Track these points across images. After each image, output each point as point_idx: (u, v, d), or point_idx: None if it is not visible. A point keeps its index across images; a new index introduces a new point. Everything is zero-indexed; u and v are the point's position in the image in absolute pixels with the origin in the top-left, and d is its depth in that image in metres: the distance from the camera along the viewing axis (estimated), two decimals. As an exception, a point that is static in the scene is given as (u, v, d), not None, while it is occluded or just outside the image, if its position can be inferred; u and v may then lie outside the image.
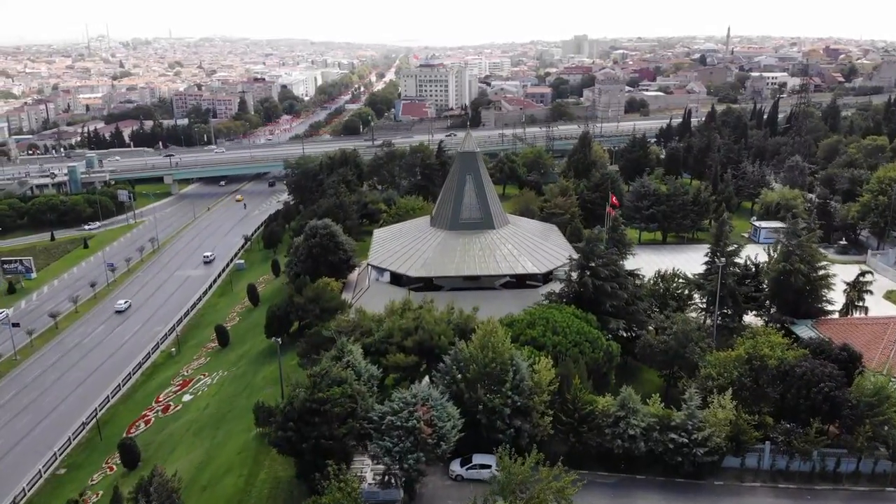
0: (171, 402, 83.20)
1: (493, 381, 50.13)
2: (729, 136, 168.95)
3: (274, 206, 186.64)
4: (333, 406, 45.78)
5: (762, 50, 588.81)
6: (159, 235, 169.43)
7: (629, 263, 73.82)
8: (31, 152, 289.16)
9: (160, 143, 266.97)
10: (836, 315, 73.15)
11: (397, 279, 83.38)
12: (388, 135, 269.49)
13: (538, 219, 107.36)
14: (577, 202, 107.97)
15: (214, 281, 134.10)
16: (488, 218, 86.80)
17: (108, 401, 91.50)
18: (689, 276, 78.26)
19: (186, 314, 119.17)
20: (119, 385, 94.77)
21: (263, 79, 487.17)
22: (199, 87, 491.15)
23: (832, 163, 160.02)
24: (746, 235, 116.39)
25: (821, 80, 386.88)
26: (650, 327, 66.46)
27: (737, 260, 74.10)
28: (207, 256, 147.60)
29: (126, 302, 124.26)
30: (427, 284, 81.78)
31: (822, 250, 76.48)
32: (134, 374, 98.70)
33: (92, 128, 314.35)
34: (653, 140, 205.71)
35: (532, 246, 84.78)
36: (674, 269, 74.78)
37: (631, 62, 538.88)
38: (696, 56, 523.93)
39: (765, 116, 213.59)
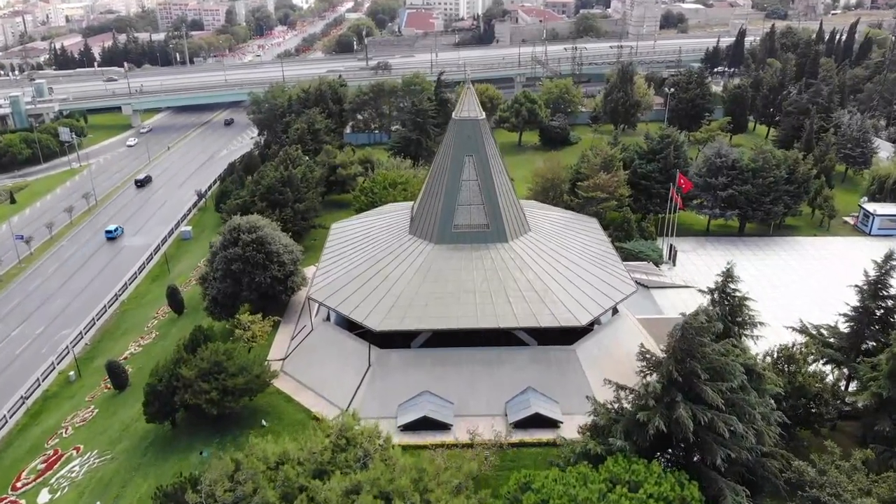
0: (24, 499, 56.39)
1: None
2: (794, 67, 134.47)
3: (246, 145, 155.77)
4: None
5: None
6: (105, 185, 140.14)
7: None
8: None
9: (125, 64, 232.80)
10: None
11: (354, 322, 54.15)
12: (386, 52, 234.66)
13: (569, 203, 77.04)
14: (626, 178, 76.69)
15: (150, 257, 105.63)
16: (498, 225, 56.59)
17: (-36, 467, 65.25)
18: (812, 330, 48.90)
19: (104, 310, 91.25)
20: (-16, 438, 68.52)
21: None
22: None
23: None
24: (850, 222, 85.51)
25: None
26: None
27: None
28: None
29: None
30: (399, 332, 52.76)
31: None
32: (13, 414, 72.34)
33: (59, 44, 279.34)
34: (697, 65, 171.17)
35: (565, 270, 54.91)
36: (805, 345, 44.90)
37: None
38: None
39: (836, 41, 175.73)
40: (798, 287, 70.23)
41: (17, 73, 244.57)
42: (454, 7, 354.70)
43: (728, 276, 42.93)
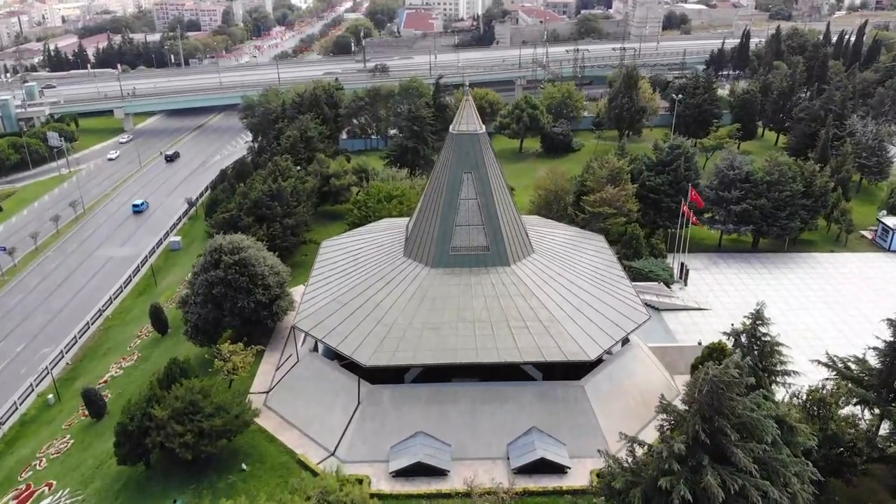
0: (-12, 544, 52.68)
1: None
2: (802, 70, 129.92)
3: (241, 149, 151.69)
4: None
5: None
6: (94, 191, 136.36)
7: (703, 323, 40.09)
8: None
9: (118, 66, 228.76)
10: None
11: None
12: (384, 54, 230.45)
13: (573, 217, 73.08)
14: (634, 191, 72.56)
15: (137, 269, 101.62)
16: (499, 247, 52.67)
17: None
18: (839, 364, 44.83)
19: (87, 327, 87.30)
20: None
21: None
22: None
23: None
24: (868, 237, 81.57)
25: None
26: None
27: None
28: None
29: None
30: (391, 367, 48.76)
31: None
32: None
33: (53, 45, 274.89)
34: (701, 67, 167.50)
35: (572, 297, 50.96)
36: (836, 385, 40.86)
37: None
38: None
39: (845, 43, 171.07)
40: (817, 308, 66.20)
41: (9, 74, 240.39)
42: (453, 7, 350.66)
43: (758, 318, 38.93)
